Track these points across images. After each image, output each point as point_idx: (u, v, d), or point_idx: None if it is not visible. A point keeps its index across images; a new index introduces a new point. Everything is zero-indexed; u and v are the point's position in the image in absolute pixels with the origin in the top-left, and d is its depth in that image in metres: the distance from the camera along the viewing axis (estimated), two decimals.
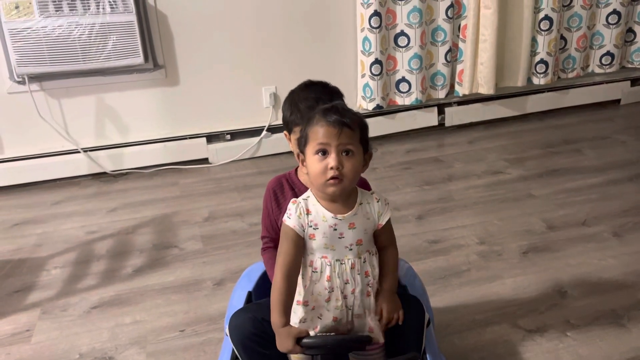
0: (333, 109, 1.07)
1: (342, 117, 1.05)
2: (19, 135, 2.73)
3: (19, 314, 1.75)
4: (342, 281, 1.08)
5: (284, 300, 1.06)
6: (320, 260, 1.08)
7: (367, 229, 1.10)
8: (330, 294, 1.08)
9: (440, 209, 2.32)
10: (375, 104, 3.06)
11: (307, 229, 1.07)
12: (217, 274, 1.91)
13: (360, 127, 1.08)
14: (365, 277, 1.10)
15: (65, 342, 1.61)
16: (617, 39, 3.33)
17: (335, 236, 1.07)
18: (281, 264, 1.08)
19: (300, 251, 1.09)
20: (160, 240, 2.18)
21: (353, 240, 1.08)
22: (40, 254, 2.12)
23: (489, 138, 3.16)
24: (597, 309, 1.61)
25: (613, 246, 1.96)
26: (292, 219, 1.08)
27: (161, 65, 2.79)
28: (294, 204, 1.09)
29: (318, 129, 1.05)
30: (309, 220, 1.07)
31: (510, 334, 1.53)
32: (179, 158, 2.95)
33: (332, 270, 1.08)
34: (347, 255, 1.08)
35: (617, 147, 2.93)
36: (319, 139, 1.05)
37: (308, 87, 1.27)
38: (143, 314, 1.71)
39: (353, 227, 1.08)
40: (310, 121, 1.08)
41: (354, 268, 1.08)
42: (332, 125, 1.04)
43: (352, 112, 1.09)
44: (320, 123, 1.05)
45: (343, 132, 1.04)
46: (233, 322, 1.16)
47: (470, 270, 1.85)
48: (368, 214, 1.10)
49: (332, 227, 1.07)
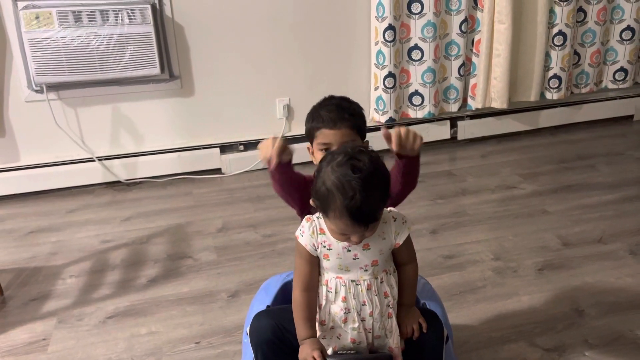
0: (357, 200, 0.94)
1: (368, 213, 0.95)
2: (35, 143, 2.75)
3: (35, 323, 1.75)
4: (358, 302, 1.06)
5: (306, 314, 1.06)
6: (335, 280, 1.07)
7: (383, 249, 1.07)
8: (346, 315, 1.06)
9: (454, 224, 2.31)
10: (388, 117, 3.07)
11: (320, 248, 1.06)
12: (232, 285, 1.92)
13: (385, 198, 1.00)
14: (384, 298, 1.08)
15: (81, 352, 1.61)
16: (631, 55, 3.32)
17: (349, 257, 1.05)
18: (298, 280, 1.09)
19: (316, 267, 1.09)
20: (174, 250, 2.19)
21: (368, 262, 1.06)
22: (55, 263, 2.13)
23: (501, 152, 3.16)
24: (616, 329, 1.60)
25: (630, 264, 1.94)
26: (305, 237, 1.07)
27: (177, 76, 2.81)
28: (308, 221, 1.08)
29: (342, 225, 0.98)
30: (322, 240, 1.05)
31: (528, 353, 1.52)
32: (193, 168, 2.96)
33: (347, 291, 1.06)
34: (363, 276, 1.06)
35: (632, 163, 2.91)
36: (343, 231, 1.00)
37: (328, 99, 1.30)
38: (158, 325, 1.72)
39: (367, 248, 1.05)
40: (328, 201, 0.96)
41: (371, 289, 1.06)
42: (357, 225, 0.97)
43: (375, 184, 0.96)
44: (344, 220, 0.96)
45: (370, 227, 0.99)
46: (254, 325, 1.16)
47: (485, 286, 1.84)
48: (384, 233, 1.06)
49: (346, 248, 1.04)
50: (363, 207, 0.94)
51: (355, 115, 1.24)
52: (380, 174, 0.99)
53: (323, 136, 1.22)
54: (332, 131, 1.21)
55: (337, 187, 0.95)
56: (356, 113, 1.25)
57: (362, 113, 1.27)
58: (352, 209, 0.94)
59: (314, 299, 1.08)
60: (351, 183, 0.94)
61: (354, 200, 0.94)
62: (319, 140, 1.23)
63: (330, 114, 1.23)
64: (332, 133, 1.21)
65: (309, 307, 1.07)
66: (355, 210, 0.94)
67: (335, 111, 1.23)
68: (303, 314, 1.06)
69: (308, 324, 1.06)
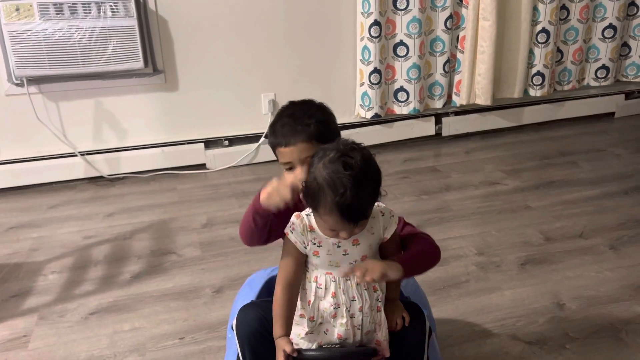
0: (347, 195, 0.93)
1: (358, 209, 0.95)
2: (15, 137, 2.71)
3: (16, 319, 1.73)
4: (348, 298, 1.07)
5: (284, 312, 1.07)
6: (325, 276, 1.07)
7: (372, 244, 1.07)
8: (336, 310, 1.07)
9: (438, 219, 2.33)
10: (373, 113, 3.07)
11: (309, 245, 1.06)
12: (216, 281, 1.91)
13: (375, 195, 0.99)
14: (374, 292, 1.09)
15: (63, 348, 1.60)
16: (613, 52, 3.37)
17: (339, 253, 1.05)
18: (281, 277, 1.08)
19: (301, 266, 1.08)
20: (158, 246, 2.18)
21: (358, 257, 1.06)
22: (36, 259, 2.11)
23: (485, 149, 3.19)
24: (596, 323, 1.63)
25: (610, 259, 1.97)
26: (295, 233, 1.06)
27: (161, 70, 2.79)
28: (298, 218, 1.07)
29: (331, 222, 0.98)
30: (312, 237, 1.05)
31: (510, 346, 1.54)
32: (177, 163, 2.94)
33: (337, 286, 1.06)
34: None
35: (612, 160, 2.96)
36: (333, 227, 1.00)
37: (285, 108, 1.20)
38: (142, 321, 1.70)
39: (357, 243, 1.05)
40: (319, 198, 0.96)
41: (360, 284, 1.06)
42: (347, 222, 0.97)
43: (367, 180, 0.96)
44: (334, 216, 0.96)
45: (359, 224, 0.99)
46: (240, 317, 1.15)
47: (469, 281, 1.86)
48: (372, 228, 1.06)
49: (336, 244, 1.05)
50: (353, 204, 0.94)
51: (312, 124, 1.13)
52: (372, 172, 0.98)
53: (281, 155, 1.15)
54: (287, 149, 1.13)
55: (328, 184, 0.95)
56: (314, 121, 1.13)
57: (322, 118, 1.16)
58: (343, 205, 0.94)
59: (295, 297, 1.09)
60: (342, 180, 0.94)
61: (344, 197, 0.93)
62: (280, 160, 1.16)
63: (283, 129, 1.14)
64: (288, 151, 1.13)
65: (289, 305, 1.07)
66: (345, 207, 0.94)
67: (288, 125, 1.14)
68: (281, 312, 1.06)
69: (285, 322, 1.06)
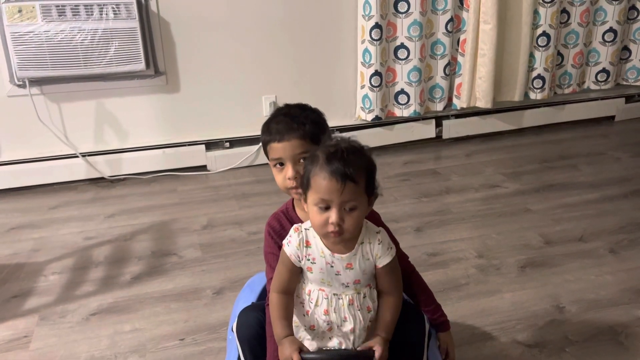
0: (337, 154, 0.99)
1: (345, 167, 0.97)
2: (17, 138, 2.72)
3: (17, 320, 1.73)
4: (339, 317, 1.05)
5: (282, 314, 1.06)
6: (318, 292, 1.06)
7: (366, 270, 1.05)
8: (330, 325, 1.06)
9: (438, 222, 2.33)
10: (374, 115, 3.08)
11: (304, 261, 1.06)
12: (217, 282, 1.91)
13: (367, 173, 1.01)
14: (367, 313, 1.07)
15: (64, 349, 1.60)
16: (613, 56, 3.38)
17: (332, 273, 1.05)
18: (276, 282, 1.08)
19: (296, 276, 1.08)
20: (158, 247, 2.18)
21: (350, 280, 1.05)
22: (37, 259, 2.11)
23: (485, 151, 3.19)
24: (595, 326, 1.63)
25: (610, 262, 1.98)
26: (291, 247, 1.06)
27: (162, 72, 2.79)
28: (296, 231, 1.07)
29: (320, 181, 0.98)
30: (307, 253, 1.05)
31: (510, 349, 1.54)
32: (178, 165, 2.95)
33: (329, 304, 1.05)
34: (345, 291, 1.05)
35: (613, 163, 2.96)
36: (321, 193, 0.99)
37: (281, 109, 1.21)
38: (142, 322, 1.71)
39: (350, 267, 1.04)
40: (313, 164, 1.01)
41: (353, 304, 1.05)
42: (335, 179, 0.97)
43: (359, 153, 1.01)
44: (322, 174, 0.98)
45: (346, 187, 0.97)
46: (241, 320, 1.15)
47: (469, 284, 1.86)
48: (368, 254, 1.05)
49: (329, 264, 1.04)
50: (342, 162, 0.98)
51: (307, 123, 1.14)
52: (367, 154, 1.03)
53: (273, 151, 1.15)
54: (280, 144, 1.13)
55: (322, 152, 1.01)
56: (309, 121, 1.15)
57: (318, 120, 1.17)
58: (332, 161, 0.98)
59: (291, 302, 1.08)
60: (336, 145, 1.01)
61: (335, 155, 0.99)
62: (270, 156, 1.17)
63: (278, 126, 1.15)
64: (280, 146, 1.13)
65: (285, 307, 1.07)
66: (334, 163, 0.98)
67: (284, 122, 1.15)
68: (279, 314, 1.05)
69: (285, 322, 1.05)
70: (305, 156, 1.09)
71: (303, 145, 1.12)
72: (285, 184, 1.15)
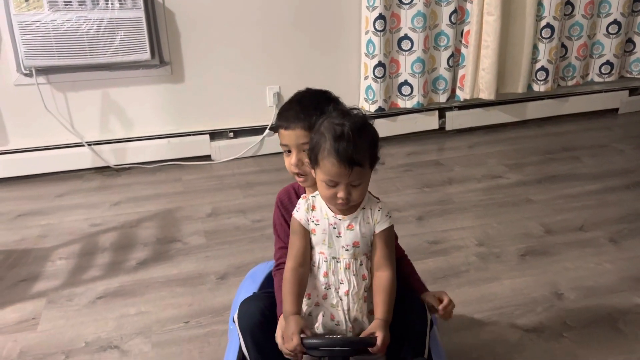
0: (344, 136, 1.01)
1: (353, 153, 1.01)
2: (24, 127, 2.75)
3: (25, 303, 1.77)
4: (337, 280, 1.10)
5: (295, 290, 1.08)
6: (318, 255, 1.11)
7: (365, 234, 1.10)
8: (327, 290, 1.11)
9: (440, 211, 2.35)
10: (377, 106, 3.09)
11: (310, 223, 1.12)
12: (221, 268, 1.94)
13: (371, 151, 1.05)
14: (362, 280, 1.11)
15: (71, 330, 1.63)
16: (617, 48, 3.38)
17: (333, 234, 1.10)
18: (290, 256, 1.12)
19: (309, 244, 1.12)
20: (163, 234, 2.21)
21: (350, 242, 1.10)
22: (44, 245, 2.14)
23: (488, 143, 3.20)
24: (594, 312, 1.65)
25: (609, 251, 1.99)
26: (300, 212, 1.13)
27: (167, 62, 2.82)
28: (304, 199, 1.14)
29: (328, 166, 1.03)
30: (312, 215, 1.12)
31: (508, 334, 1.56)
32: (182, 154, 2.97)
33: (328, 267, 1.10)
34: (343, 254, 1.10)
35: (615, 155, 2.97)
36: (329, 174, 1.04)
37: (300, 92, 1.22)
38: (148, 306, 1.74)
39: (351, 228, 1.10)
40: (320, 142, 1.04)
41: (349, 268, 1.09)
42: (342, 165, 1.01)
43: (364, 130, 1.04)
44: (330, 159, 1.02)
45: (354, 171, 1.02)
46: (242, 309, 1.16)
47: (469, 271, 1.88)
48: (368, 218, 1.11)
49: (332, 225, 1.10)
50: (349, 147, 1.01)
51: (316, 115, 1.13)
52: (370, 129, 1.07)
53: (281, 136, 1.18)
54: (286, 132, 1.16)
55: (329, 130, 1.04)
56: (318, 113, 1.13)
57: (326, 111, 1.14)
58: (339, 146, 1.01)
59: (306, 276, 1.11)
60: (342, 125, 1.03)
61: (342, 138, 1.01)
62: (280, 141, 1.19)
63: (287, 113, 1.17)
64: (286, 134, 1.16)
65: (299, 283, 1.09)
66: (342, 148, 1.01)
67: (294, 110, 1.16)
68: (292, 289, 1.08)
69: (296, 299, 1.07)
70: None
71: (307, 136, 1.13)
72: (290, 169, 1.20)
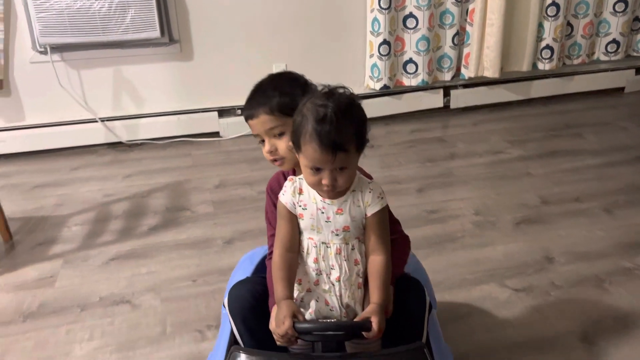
0: (326, 119, 0.95)
1: (336, 138, 0.95)
2: (40, 103, 2.85)
3: (43, 263, 1.89)
4: (327, 265, 1.06)
5: (285, 274, 1.05)
6: (307, 241, 1.07)
7: (356, 217, 1.05)
8: (318, 277, 1.07)
9: (440, 184, 2.42)
10: (382, 84, 3.15)
11: (297, 208, 1.06)
12: (227, 234, 2.04)
13: (357, 134, 0.99)
14: (354, 266, 1.06)
15: (86, 287, 1.75)
16: (624, 27, 3.38)
17: (322, 219, 1.05)
18: (278, 241, 1.07)
19: (296, 227, 1.08)
20: (173, 203, 2.31)
21: (340, 226, 1.05)
22: (60, 213, 2.26)
23: (493, 121, 3.24)
24: (581, 274, 1.72)
25: (603, 221, 2.05)
26: (286, 195, 1.07)
27: (176, 40, 2.89)
28: (290, 181, 1.08)
29: (311, 151, 0.97)
30: (300, 199, 1.06)
31: (498, 292, 1.64)
32: (191, 131, 3.06)
33: (317, 252, 1.06)
34: (333, 240, 1.05)
35: (618, 132, 2.99)
36: (311, 160, 0.98)
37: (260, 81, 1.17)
38: (158, 266, 1.85)
39: (341, 212, 1.05)
40: (302, 125, 0.98)
41: (340, 254, 1.05)
42: (325, 151, 0.96)
43: (349, 112, 0.98)
44: (312, 145, 0.96)
45: (337, 156, 0.96)
46: (233, 293, 1.14)
47: (464, 237, 1.96)
48: (358, 201, 1.06)
49: (320, 209, 1.05)
50: (332, 131, 0.95)
51: (275, 96, 1.10)
52: (356, 109, 1.00)
53: (250, 128, 1.15)
54: (253, 121, 1.13)
55: (311, 111, 0.98)
56: (277, 93, 1.10)
57: (289, 90, 1.11)
58: (322, 131, 0.96)
59: (295, 261, 1.07)
60: (325, 107, 0.97)
61: (324, 121, 0.95)
62: (252, 132, 1.16)
63: (249, 103, 1.13)
64: (253, 123, 1.13)
65: (289, 267, 1.05)
66: (324, 133, 0.95)
67: (254, 97, 1.13)
68: (282, 274, 1.04)
69: (287, 284, 1.04)
70: (279, 130, 1.08)
71: (272, 120, 1.10)
72: (266, 157, 1.16)
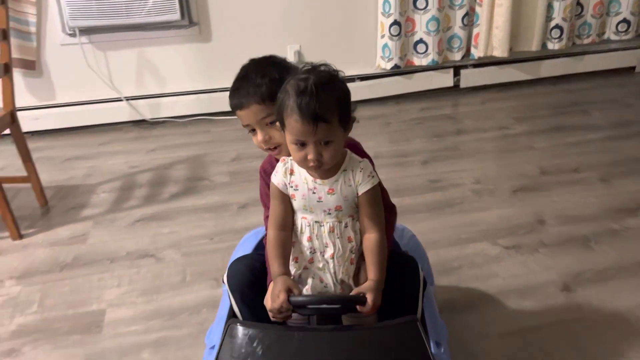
0: (307, 91, 0.96)
1: (317, 107, 0.95)
2: (69, 83, 3.05)
3: (75, 224, 2.08)
4: (321, 244, 1.07)
5: (280, 252, 1.06)
6: (301, 220, 1.08)
7: (348, 196, 1.06)
8: (312, 255, 1.08)
9: (444, 156, 2.54)
10: (393, 64, 3.25)
11: (289, 188, 1.08)
12: (242, 200, 2.20)
13: (340, 107, 0.99)
14: (348, 243, 1.08)
15: (114, 244, 1.94)
16: (635, 6, 3.40)
17: (314, 199, 1.06)
18: (272, 219, 1.09)
19: (289, 207, 1.09)
20: (193, 174, 2.48)
21: (332, 206, 1.06)
22: (89, 182, 2.45)
23: (501, 100, 3.33)
24: (570, 234, 1.83)
25: (598, 189, 2.15)
26: (278, 176, 1.08)
27: (196, 22, 3.05)
28: (282, 162, 1.09)
29: (293, 123, 0.98)
30: (291, 180, 1.07)
31: (489, 249, 1.77)
32: (211, 109, 3.22)
33: (311, 231, 1.07)
34: (326, 219, 1.06)
35: (625, 109, 3.05)
36: (295, 134, 0.99)
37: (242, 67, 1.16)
38: (178, 227, 2.02)
39: (332, 192, 1.06)
40: (284, 100, 0.99)
41: (333, 232, 1.06)
42: (306, 122, 0.96)
43: (330, 85, 0.99)
44: (294, 116, 0.97)
45: (319, 127, 0.97)
46: (232, 269, 1.16)
47: (463, 202, 2.08)
48: (350, 180, 1.06)
49: (311, 190, 1.06)
50: (312, 102, 0.96)
51: (264, 83, 1.08)
52: (339, 84, 1.01)
53: (240, 118, 1.13)
54: (243, 112, 1.11)
55: (292, 86, 0.99)
56: (267, 80, 1.09)
57: (277, 76, 1.09)
58: (302, 102, 0.96)
59: (289, 238, 1.09)
60: (306, 80, 0.98)
61: (304, 93, 0.96)
62: (241, 123, 1.15)
63: (236, 92, 1.11)
64: (244, 114, 1.12)
65: (283, 245, 1.07)
66: (304, 104, 0.96)
67: (241, 87, 1.11)
68: (276, 252, 1.06)
69: (281, 261, 1.06)
70: (272, 119, 1.07)
71: (264, 109, 1.09)
72: (260, 147, 1.15)
